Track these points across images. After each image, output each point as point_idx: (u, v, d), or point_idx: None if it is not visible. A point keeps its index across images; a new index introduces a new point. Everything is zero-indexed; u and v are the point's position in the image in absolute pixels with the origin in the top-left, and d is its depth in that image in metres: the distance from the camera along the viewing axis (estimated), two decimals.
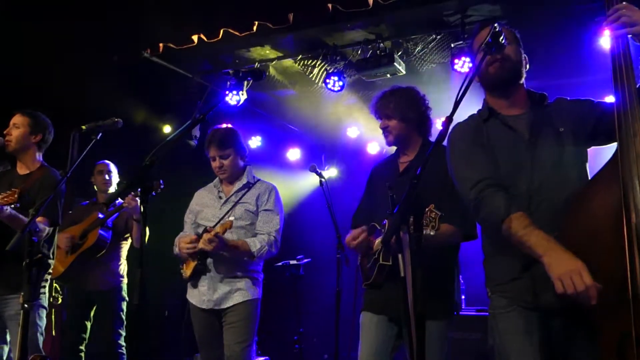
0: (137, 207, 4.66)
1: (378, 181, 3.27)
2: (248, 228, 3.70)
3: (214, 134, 3.78)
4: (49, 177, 3.72)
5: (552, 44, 5.15)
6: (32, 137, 3.79)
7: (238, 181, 3.82)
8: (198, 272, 3.66)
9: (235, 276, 3.63)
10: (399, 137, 3.16)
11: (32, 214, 2.69)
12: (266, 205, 3.75)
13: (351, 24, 5.49)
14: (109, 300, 4.90)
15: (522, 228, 2.16)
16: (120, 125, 3.18)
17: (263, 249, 3.60)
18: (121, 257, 5.05)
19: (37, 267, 2.64)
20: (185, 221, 3.92)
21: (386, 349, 3.04)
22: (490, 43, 2.23)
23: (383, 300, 3.02)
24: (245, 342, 3.59)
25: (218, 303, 3.61)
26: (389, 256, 2.90)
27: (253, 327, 3.64)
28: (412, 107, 3.13)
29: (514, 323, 2.31)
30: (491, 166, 2.35)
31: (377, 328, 3.06)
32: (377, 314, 3.07)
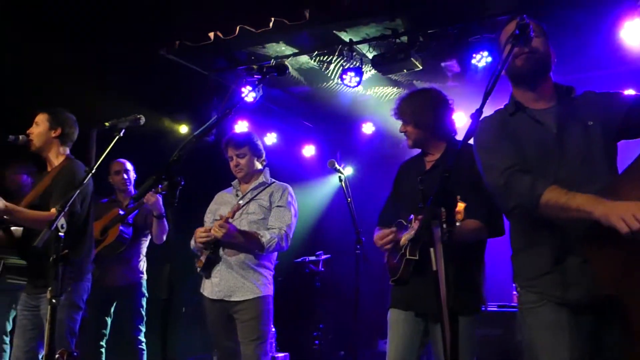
0: (157, 204, 4.69)
1: (404, 179, 3.28)
2: (261, 222, 3.80)
3: (230, 136, 4.00)
4: (66, 168, 3.73)
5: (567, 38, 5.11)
6: (52, 132, 3.80)
7: (255, 180, 3.97)
8: (210, 262, 3.76)
9: (246, 267, 3.70)
10: (417, 141, 3.18)
11: (59, 210, 2.69)
12: (279, 202, 3.86)
13: (367, 20, 5.47)
14: (129, 296, 4.93)
15: (564, 194, 2.13)
16: (143, 121, 3.18)
17: (272, 241, 3.68)
18: (141, 253, 5.08)
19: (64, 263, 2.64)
20: (204, 221, 4.04)
21: (414, 346, 3.04)
22: (518, 35, 2.21)
23: (410, 296, 3.01)
24: (259, 340, 3.65)
25: (228, 294, 3.68)
26: (415, 250, 2.90)
27: (266, 324, 3.70)
28: (427, 112, 3.10)
29: (544, 318, 2.29)
30: (519, 157, 2.32)
31: (405, 325, 3.05)
32: (404, 310, 3.06)
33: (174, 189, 2.19)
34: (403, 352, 3.03)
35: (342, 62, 6.03)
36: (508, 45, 2.22)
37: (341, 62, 6.08)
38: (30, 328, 3.66)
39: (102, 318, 4.85)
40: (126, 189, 5.12)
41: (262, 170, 4.01)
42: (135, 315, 4.94)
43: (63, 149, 3.85)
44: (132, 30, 5.69)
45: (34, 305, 3.64)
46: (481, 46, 5.45)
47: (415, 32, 5.56)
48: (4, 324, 5.03)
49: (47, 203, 3.62)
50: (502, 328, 4.63)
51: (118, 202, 5.06)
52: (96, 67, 5.61)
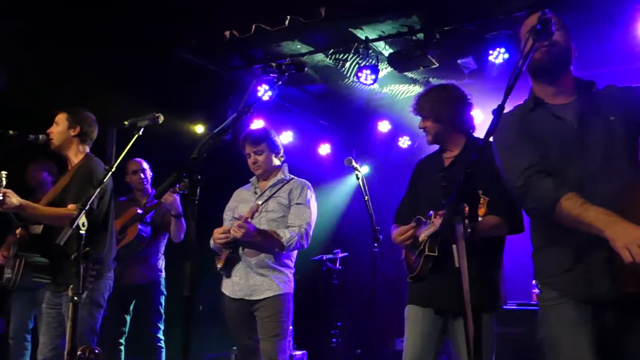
0: (175, 203, 4.71)
1: (422, 176, 3.27)
2: (280, 221, 3.78)
3: (248, 133, 3.97)
4: (85, 166, 3.75)
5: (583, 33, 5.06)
6: (71, 130, 3.83)
7: (273, 177, 3.94)
8: (230, 262, 3.76)
9: (266, 266, 3.70)
10: (437, 136, 3.16)
11: (80, 208, 2.71)
12: (298, 199, 3.83)
13: (383, 17, 5.46)
14: (148, 294, 4.96)
15: (578, 206, 2.11)
16: (161, 120, 3.20)
17: (292, 239, 3.67)
18: (160, 251, 5.10)
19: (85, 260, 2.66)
20: (224, 218, 4.03)
21: (432, 343, 3.02)
22: (540, 30, 2.18)
23: (428, 293, 3.00)
24: (278, 337, 3.63)
25: (249, 293, 3.68)
26: (434, 247, 2.90)
27: (286, 321, 3.69)
28: (447, 107, 3.09)
29: (565, 315, 2.26)
30: (538, 155, 2.30)
31: (423, 321, 3.04)
32: (422, 307, 3.05)
33: (194, 187, 2.19)
34: (421, 349, 3.01)
35: (358, 60, 6.03)
36: (529, 39, 2.19)
37: (357, 60, 6.07)
38: (54, 325, 3.69)
39: (121, 316, 4.88)
40: (143, 188, 5.15)
41: (280, 167, 3.99)
42: (154, 313, 4.97)
43: (82, 147, 3.88)
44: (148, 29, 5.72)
45: (57, 303, 3.68)
46: (498, 43, 5.43)
47: (432, 29, 5.55)
48: (26, 322, 5.09)
49: (66, 200, 3.65)
50: (522, 326, 4.59)
51: (136, 201, 5.09)
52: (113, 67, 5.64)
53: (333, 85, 6.87)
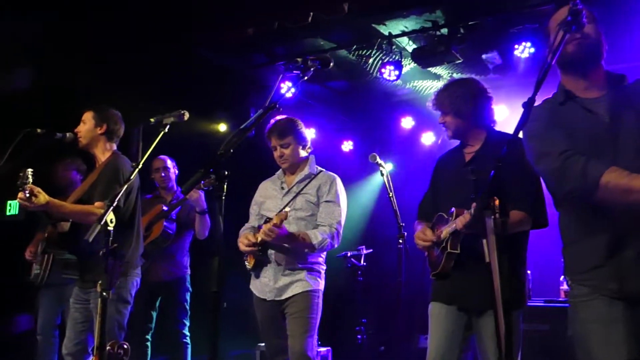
0: (200, 200, 4.73)
1: (443, 172, 3.24)
2: (308, 219, 3.68)
3: (274, 125, 3.80)
4: (111, 163, 3.78)
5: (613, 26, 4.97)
6: (98, 129, 3.86)
7: (300, 171, 3.82)
8: (260, 264, 3.70)
9: (296, 267, 3.64)
10: (457, 131, 3.13)
11: (107, 205, 2.74)
12: (327, 196, 3.71)
13: (407, 12, 5.43)
14: (174, 291, 4.99)
15: (625, 175, 2.07)
16: (187, 117, 3.21)
17: (324, 242, 3.58)
18: (185, 248, 5.13)
19: (113, 257, 2.68)
20: (250, 212, 3.96)
21: (456, 340, 2.99)
22: (570, 22, 2.14)
23: (452, 291, 2.97)
24: (307, 333, 3.57)
25: (279, 294, 3.63)
26: (457, 244, 2.87)
27: (315, 318, 3.63)
28: (467, 101, 3.05)
29: (596, 312, 2.22)
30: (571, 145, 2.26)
31: (447, 318, 3.01)
32: (446, 304, 3.02)
33: (221, 183, 2.19)
34: (445, 346, 2.98)
35: (381, 56, 6.00)
36: (559, 32, 2.16)
37: (380, 56, 6.05)
38: (80, 321, 3.73)
39: (147, 312, 4.91)
40: (167, 185, 5.17)
41: (307, 158, 3.86)
42: (179, 310, 5.00)
43: (110, 145, 3.91)
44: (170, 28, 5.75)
45: (85, 299, 3.71)
46: (523, 37, 5.36)
47: (456, 24, 5.50)
48: (54, 318, 5.16)
49: (93, 198, 3.68)
50: (549, 323, 4.53)
51: (161, 199, 5.12)
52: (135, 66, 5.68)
53: (356, 82, 6.86)
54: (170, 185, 5.19)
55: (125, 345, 2.80)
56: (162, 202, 4.98)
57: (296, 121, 3.85)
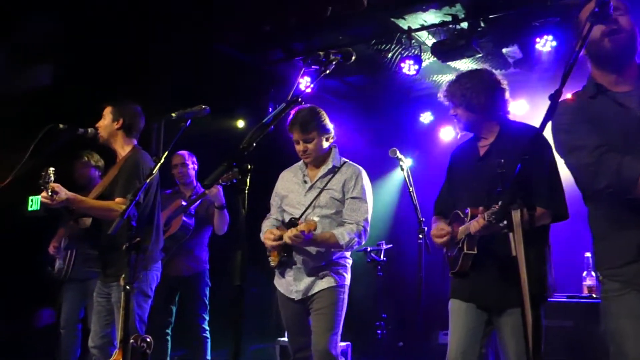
0: (218, 195, 4.74)
1: (457, 166, 3.18)
2: (333, 217, 3.56)
3: (297, 116, 3.59)
4: (131, 159, 3.78)
5: None
6: (115, 123, 3.86)
7: (324, 165, 3.66)
8: (284, 263, 3.61)
9: (321, 266, 3.55)
10: (468, 124, 3.04)
11: (130, 199, 2.75)
12: (353, 192, 3.57)
13: (426, 6, 5.38)
14: (193, 285, 5.01)
15: None
16: (208, 112, 3.21)
17: (352, 241, 3.47)
18: (204, 243, 5.14)
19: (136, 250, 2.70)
20: (271, 204, 3.85)
21: (477, 335, 2.95)
22: (597, 13, 2.10)
23: (471, 289, 2.93)
24: (331, 330, 3.49)
25: (305, 292, 3.55)
26: (473, 245, 2.81)
27: (339, 314, 3.54)
28: (479, 93, 2.96)
29: (629, 306, 2.19)
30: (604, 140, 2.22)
31: (467, 315, 2.97)
32: (465, 301, 2.99)
33: (244, 176, 2.19)
34: (466, 342, 2.93)
35: (401, 51, 5.97)
36: (587, 23, 2.12)
37: (399, 51, 6.02)
38: (104, 314, 3.76)
39: (167, 306, 4.94)
40: (186, 181, 5.18)
41: (329, 150, 3.70)
42: (199, 305, 5.02)
43: (129, 139, 3.91)
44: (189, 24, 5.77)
45: (107, 293, 3.74)
46: (545, 30, 5.30)
47: (476, 17, 5.45)
48: (77, 312, 5.21)
49: (114, 193, 3.70)
50: (573, 319, 4.48)
51: (180, 194, 5.14)
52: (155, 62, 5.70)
53: (374, 77, 6.82)
54: (189, 180, 5.20)
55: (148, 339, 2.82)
56: (181, 198, 5.00)
57: (319, 112, 3.66)
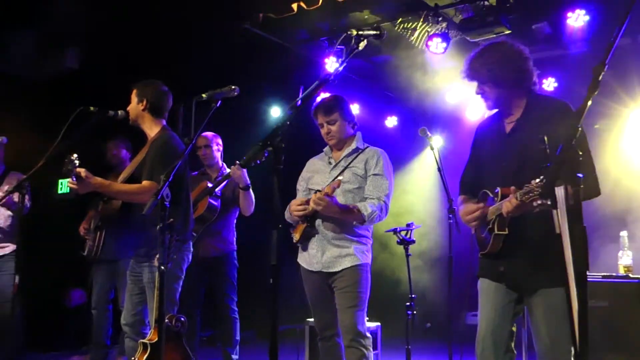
0: (242, 176, 4.72)
1: (483, 143, 3.07)
2: (356, 192, 3.67)
3: (320, 102, 3.81)
4: (159, 140, 3.78)
5: None
6: (140, 105, 3.85)
7: (347, 147, 3.82)
8: (307, 235, 3.69)
9: (344, 239, 3.63)
10: (499, 100, 2.90)
11: (164, 180, 2.75)
12: (375, 169, 3.69)
13: None
14: (221, 267, 5.02)
15: None
16: (237, 92, 3.19)
17: (374, 214, 3.56)
18: (232, 225, 5.15)
19: (170, 231, 2.70)
20: (297, 189, 3.96)
21: (508, 315, 2.90)
22: None
23: (501, 270, 2.87)
24: (357, 307, 3.56)
25: (327, 266, 3.62)
26: (504, 225, 2.75)
27: (364, 292, 3.61)
28: (506, 66, 2.83)
29: None
30: None
31: (497, 293, 2.91)
32: (495, 281, 2.94)
33: (278, 154, 2.18)
34: (496, 321, 2.88)
35: (427, 28, 5.87)
36: None
37: (426, 28, 5.92)
38: (136, 293, 3.81)
39: (196, 287, 4.97)
40: (211, 162, 5.17)
41: (354, 135, 3.86)
42: (227, 286, 5.03)
43: (157, 120, 3.88)
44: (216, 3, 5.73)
45: (138, 272, 3.78)
46: (577, 4, 5.17)
47: None
48: (107, 293, 5.29)
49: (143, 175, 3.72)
50: (608, 299, 4.40)
51: (207, 175, 5.13)
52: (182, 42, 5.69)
53: (400, 55, 6.72)
54: (214, 162, 5.18)
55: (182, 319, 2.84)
56: (207, 179, 5.01)
57: (341, 98, 3.85)
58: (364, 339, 3.57)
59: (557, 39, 6.08)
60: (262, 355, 6.17)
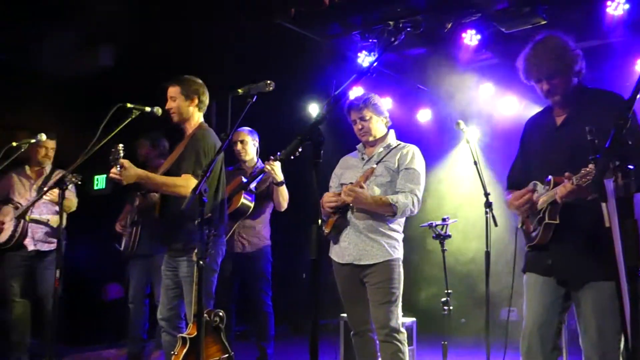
0: (277, 172, 4.72)
1: (533, 137, 3.06)
2: (388, 185, 3.68)
3: (352, 100, 3.86)
4: (198, 135, 3.82)
5: None
6: (189, 102, 3.89)
7: (381, 143, 3.84)
8: (338, 227, 3.71)
9: (375, 231, 3.62)
10: (567, 92, 2.86)
11: (201, 175, 2.76)
12: (407, 163, 3.71)
13: None
14: (256, 262, 5.04)
15: None
16: (272, 87, 3.19)
17: (405, 206, 3.57)
18: (266, 220, 5.16)
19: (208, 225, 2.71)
20: (330, 186, 3.97)
21: (555, 310, 2.85)
22: None
23: (550, 263, 2.82)
24: (391, 303, 3.56)
25: (358, 258, 3.62)
26: (556, 214, 2.72)
27: (397, 287, 3.61)
28: (560, 61, 2.81)
29: None
30: None
31: (544, 289, 2.87)
32: (542, 275, 2.89)
33: (317, 149, 2.17)
34: (543, 317, 2.85)
35: (462, 20, 5.79)
36: None
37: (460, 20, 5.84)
38: (172, 287, 3.85)
39: (231, 283, 4.99)
40: (247, 157, 5.18)
41: (387, 132, 3.89)
42: (262, 280, 5.05)
43: (198, 115, 3.96)
44: None
45: (174, 267, 3.82)
46: None
47: None
48: (144, 287, 5.36)
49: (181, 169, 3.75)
50: None
51: (242, 171, 5.14)
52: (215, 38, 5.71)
53: (433, 48, 6.64)
54: (250, 158, 5.19)
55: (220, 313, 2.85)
56: (243, 174, 5.02)
57: (374, 95, 3.89)
58: (399, 334, 3.57)
59: (595, 28, 5.94)
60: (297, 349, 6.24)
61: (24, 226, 5.08)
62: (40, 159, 5.24)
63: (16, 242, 5.08)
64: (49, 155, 5.28)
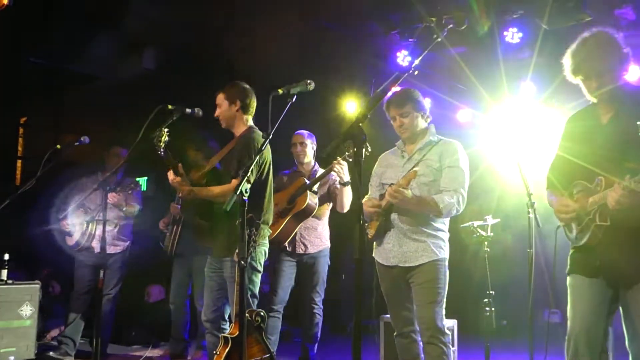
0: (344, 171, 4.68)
1: (577, 135, 2.97)
2: (431, 185, 3.61)
3: (392, 96, 3.78)
4: (244, 137, 3.88)
5: None
6: (232, 107, 3.96)
7: (421, 140, 3.76)
8: (382, 229, 3.66)
9: (420, 232, 3.57)
10: (614, 89, 2.79)
11: (242, 175, 2.78)
12: (450, 161, 3.63)
13: None
14: (315, 263, 5.02)
15: None
16: (312, 86, 3.20)
17: (450, 206, 3.50)
18: (326, 221, 5.14)
19: (249, 226, 2.72)
20: (370, 185, 3.92)
21: (602, 313, 2.78)
22: None
23: (598, 264, 2.76)
24: (436, 303, 3.51)
25: (403, 260, 3.57)
26: (606, 216, 2.64)
27: (443, 287, 3.55)
28: (611, 57, 2.76)
29: None
30: None
31: (591, 291, 2.80)
32: (589, 277, 2.82)
33: (359, 148, 2.16)
34: (590, 320, 2.78)
35: (504, 17, 5.69)
36: None
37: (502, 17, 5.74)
38: (216, 289, 3.88)
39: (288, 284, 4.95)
40: (304, 160, 5.15)
41: (427, 128, 3.80)
42: (319, 282, 5.03)
43: (246, 118, 4.01)
44: None
45: (218, 268, 3.84)
46: None
47: None
48: (185, 288, 5.45)
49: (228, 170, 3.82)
50: None
51: (300, 173, 5.11)
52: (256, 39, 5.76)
53: (473, 46, 6.55)
54: (308, 160, 5.17)
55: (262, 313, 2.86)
56: (302, 176, 5.00)
57: (414, 91, 3.81)
58: (444, 336, 3.52)
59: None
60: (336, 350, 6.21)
61: (92, 229, 5.40)
62: (113, 166, 5.40)
63: (85, 244, 5.42)
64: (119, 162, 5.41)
